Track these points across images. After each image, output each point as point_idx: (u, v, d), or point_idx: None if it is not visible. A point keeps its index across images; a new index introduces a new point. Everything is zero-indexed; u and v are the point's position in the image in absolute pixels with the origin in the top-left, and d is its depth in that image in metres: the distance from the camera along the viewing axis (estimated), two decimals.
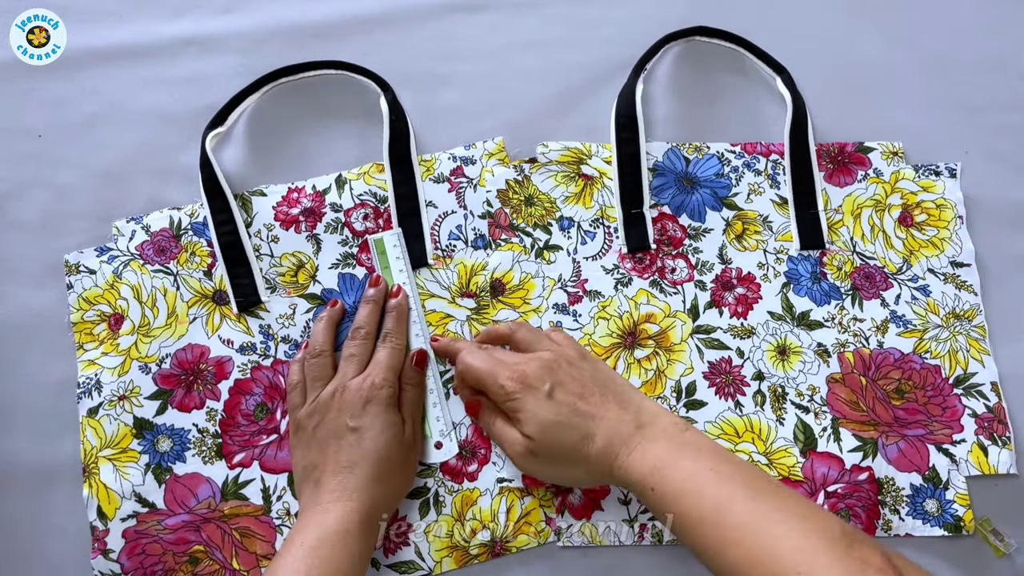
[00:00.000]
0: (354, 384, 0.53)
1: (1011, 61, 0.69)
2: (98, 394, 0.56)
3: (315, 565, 0.46)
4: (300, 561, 0.46)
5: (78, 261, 0.60)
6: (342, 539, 0.47)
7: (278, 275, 0.60)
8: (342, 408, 0.52)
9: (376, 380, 0.53)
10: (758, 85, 0.67)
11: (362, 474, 0.50)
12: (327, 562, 0.46)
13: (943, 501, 0.55)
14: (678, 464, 0.45)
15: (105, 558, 0.53)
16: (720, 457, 0.46)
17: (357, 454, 0.50)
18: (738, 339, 0.59)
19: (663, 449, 0.46)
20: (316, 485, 0.50)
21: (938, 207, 0.63)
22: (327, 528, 0.47)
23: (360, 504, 0.49)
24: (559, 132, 0.65)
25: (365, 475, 0.50)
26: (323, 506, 0.49)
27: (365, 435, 0.51)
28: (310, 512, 0.49)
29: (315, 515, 0.48)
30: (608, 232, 0.62)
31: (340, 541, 0.47)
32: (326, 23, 0.68)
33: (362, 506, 0.49)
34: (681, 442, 0.47)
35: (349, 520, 0.48)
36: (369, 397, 0.52)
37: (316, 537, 0.47)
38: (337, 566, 0.46)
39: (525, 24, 0.69)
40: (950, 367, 0.59)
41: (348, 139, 0.64)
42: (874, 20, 0.71)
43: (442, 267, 0.60)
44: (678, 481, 0.44)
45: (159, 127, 0.65)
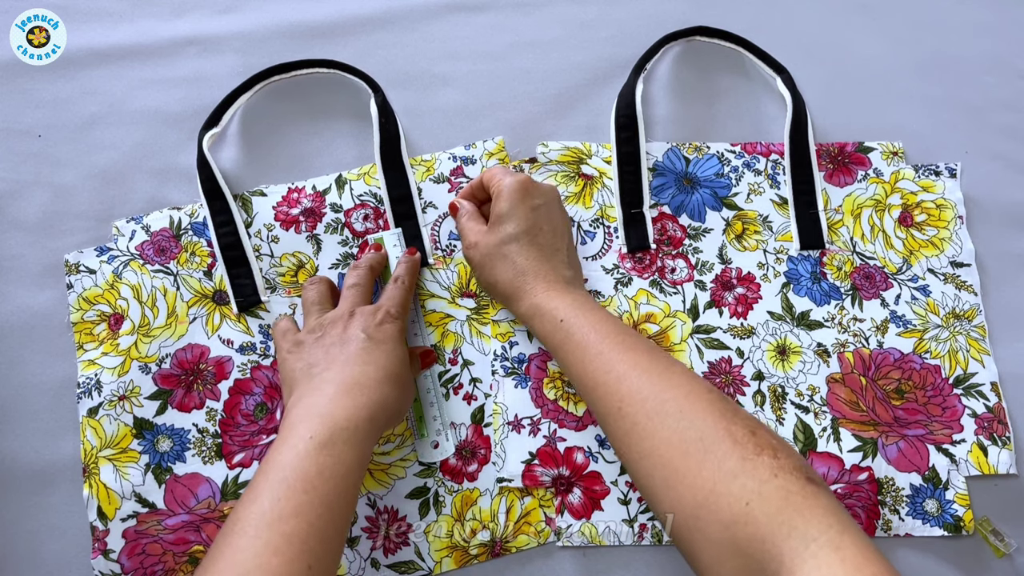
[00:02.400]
0: (367, 308, 0.52)
1: (1011, 61, 0.70)
2: (98, 394, 0.56)
3: (327, 465, 0.43)
4: (309, 458, 0.43)
5: (78, 261, 0.60)
6: (351, 436, 0.45)
7: (278, 275, 0.60)
8: (351, 325, 0.50)
9: (391, 310, 0.52)
10: (758, 85, 0.67)
11: (373, 374, 0.48)
12: (338, 462, 0.44)
13: (943, 501, 0.55)
14: (595, 311, 0.52)
15: (105, 558, 0.53)
16: (624, 325, 0.52)
17: (368, 356, 0.48)
18: (738, 339, 0.59)
19: (584, 299, 0.53)
20: (318, 377, 0.48)
21: (938, 207, 0.63)
22: (336, 423, 0.45)
23: (369, 401, 0.46)
24: (559, 132, 0.65)
25: (374, 377, 0.48)
26: (327, 394, 0.46)
27: (378, 346, 0.49)
28: (312, 398, 0.47)
29: (318, 401, 0.46)
30: (608, 232, 0.62)
31: (350, 439, 0.45)
32: (326, 23, 0.68)
33: (370, 402, 0.46)
34: (596, 305, 0.53)
35: (358, 416, 0.46)
36: (383, 320, 0.51)
37: (325, 432, 0.44)
38: (346, 467, 0.44)
39: (525, 24, 0.69)
40: (950, 367, 0.59)
41: (348, 139, 0.64)
42: (874, 20, 0.71)
43: (442, 267, 0.60)
44: (590, 321, 0.50)
45: (159, 127, 0.65)
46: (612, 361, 0.48)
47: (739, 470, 0.41)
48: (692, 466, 0.43)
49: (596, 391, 0.49)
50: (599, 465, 0.56)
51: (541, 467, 0.55)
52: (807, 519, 0.39)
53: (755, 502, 0.40)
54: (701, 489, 0.42)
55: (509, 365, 0.58)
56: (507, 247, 0.54)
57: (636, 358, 0.48)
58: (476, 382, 0.58)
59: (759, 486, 0.40)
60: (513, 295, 0.54)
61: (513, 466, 0.55)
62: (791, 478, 0.41)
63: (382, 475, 0.56)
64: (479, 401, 0.57)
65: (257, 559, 0.40)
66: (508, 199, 0.54)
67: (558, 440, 0.56)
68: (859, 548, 0.37)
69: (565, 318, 0.51)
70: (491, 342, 0.59)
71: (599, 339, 0.49)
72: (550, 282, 0.53)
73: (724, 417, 0.44)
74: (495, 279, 0.54)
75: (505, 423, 0.56)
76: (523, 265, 0.53)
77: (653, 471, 0.45)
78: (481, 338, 0.59)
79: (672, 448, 0.44)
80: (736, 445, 0.42)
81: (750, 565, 0.39)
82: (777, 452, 0.42)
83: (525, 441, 0.56)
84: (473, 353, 0.58)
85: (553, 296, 0.52)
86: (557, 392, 0.57)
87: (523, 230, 0.54)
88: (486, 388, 0.58)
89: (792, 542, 0.38)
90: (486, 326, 0.59)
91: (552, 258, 0.54)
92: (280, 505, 0.41)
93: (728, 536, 0.40)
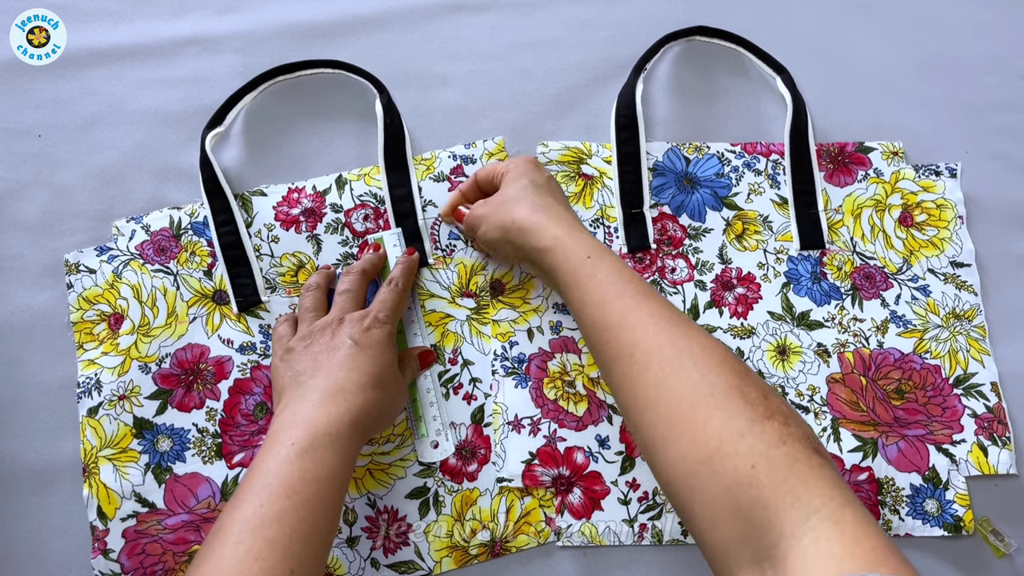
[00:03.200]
0: (356, 315, 0.52)
1: (1011, 61, 0.70)
2: (98, 394, 0.56)
3: (309, 470, 0.43)
4: (291, 464, 0.43)
5: (78, 261, 0.60)
6: (334, 442, 0.45)
7: (278, 275, 0.60)
8: (339, 332, 0.51)
9: (380, 316, 0.52)
10: (758, 85, 0.67)
11: (357, 379, 0.48)
12: (319, 467, 0.44)
13: (943, 501, 0.55)
14: (618, 258, 0.51)
15: (105, 558, 0.53)
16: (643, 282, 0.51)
17: (353, 363, 0.49)
18: (738, 339, 0.59)
19: (603, 246, 0.52)
20: (304, 385, 0.48)
21: (938, 207, 0.63)
22: (318, 429, 0.45)
23: (351, 406, 0.47)
24: (559, 132, 0.65)
25: (359, 382, 0.48)
26: (312, 401, 0.46)
27: (364, 351, 0.49)
28: (297, 405, 0.47)
29: (302, 408, 0.46)
30: (608, 232, 0.62)
31: (332, 444, 0.45)
32: (326, 23, 0.68)
33: (353, 407, 0.47)
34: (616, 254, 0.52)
35: (341, 422, 0.46)
36: (371, 326, 0.51)
37: (307, 439, 0.44)
38: (329, 471, 0.44)
39: (525, 24, 0.69)
40: (950, 367, 0.59)
41: (348, 139, 0.64)
42: (874, 20, 0.71)
43: (442, 267, 0.60)
44: (615, 264, 0.50)
45: (159, 127, 0.65)
46: (632, 306, 0.47)
47: (747, 430, 0.40)
48: (699, 419, 0.42)
49: (610, 331, 0.47)
50: (599, 465, 0.56)
51: (541, 467, 0.55)
52: (811, 489, 0.38)
53: (761, 465, 0.39)
54: (706, 445, 0.41)
55: (509, 365, 0.58)
56: (523, 192, 0.55)
57: (657, 308, 0.47)
58: (476, 382, 0.58)
59: (767, 449, 0.39)
60: (533, 228, 0.52)
61: (513, 466, 0.55)
62: (799, 447, 0.39)
63: (382, 475, 0.56)
64: (479, 401, 0.57)
65: (240, 565, 0.40)
66: (519, 167, 0.56)
67: (558, 440, 0.56)
68: (859, 522, 0.36)
69: (593, 255, 0.50)
70: (491, 342, 0.59)
71: (623, 283, 0.49)
72: (572, 224, 0.53)
73: (737, 375, 0.43)
74: (510, 217, 0.53)
75: (505, 423, 0.56)
76: (542, 204, 0.54)
77: (657, 421, 0.43)
78: (481, 338, 0.59)
79: (681, 399, 0.43)
80: (747, 405, 0.41)
81: (747, 530, 0.38)
82: (788, 419, 0.41)
83: (525, 441, 0.56)
84: (473, 353, 0.58)
85: (576, 234, 0.52)
86: (557, 392, 0.57)
87: (539, 184, 0.55)
88: (486, 388, 0.58)
89: (794, 512, 0.37)
90: (486, 326, 0.59)
91: (570, 209, 0.55)
92: (263, 511, 0.42)
93: (730, 496, 0.39)
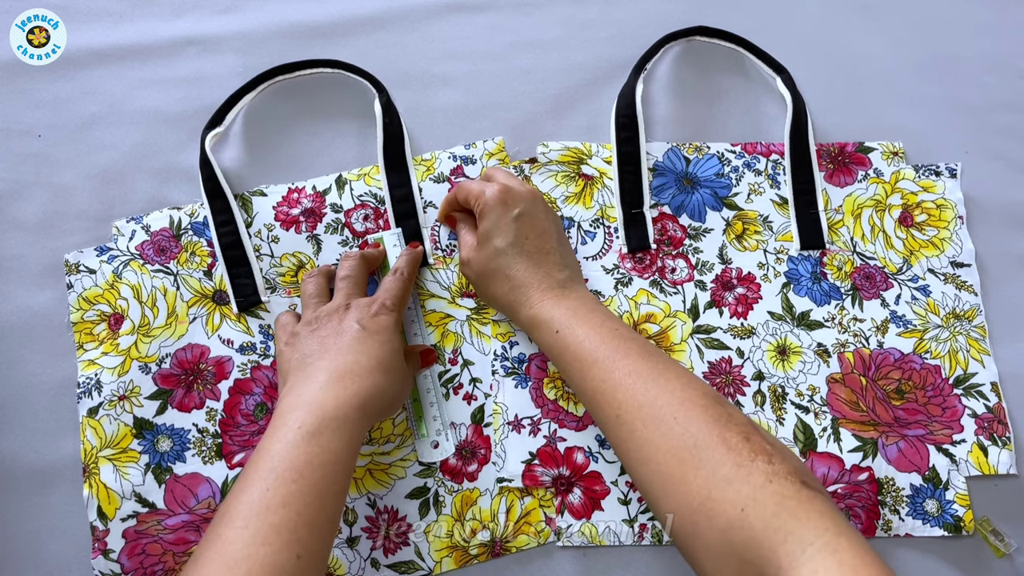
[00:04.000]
0: (362, 301, 0.52)
1: (1011, 61, 0.70)
2: (98, 394, 0.56)
3: (316, 454, 0.43)
4: (297, 448, 0.43)
5: (78, 261, 0.60)
6: (341, 426, 0.45)
7: (278, 275, 0.60)
8: (346, 317, 0.51)
9: (387, 303, 0.52)
10: (758, 85, 0.67)
11: (365, 363, 0.48)
12: (326, 451, 0.43)
13: (943, 501, 0.55)
14: (590, 316, 0.51)
15: (105, 558, 0.53)
16: (622, 326, 0.52)
17: (360, 346, 0.48)
18: (738, 339, 0.59)
19: (580, 304, 0.53)
20: (311, 366, 0.48)
21: (938, 207, 0.63)
22: (325, 412, 0.45)
23: (359, 389, 0.46)
24: (559, 132, 0.65)
25: (366, 365, 0.48)
26: (318, 382, 0.46)
27: (371, 336, 0.49)
28: (303, 386, 0.47)
29: (308, 389, 0.46)
30: (608, 232, 0.62)
31: (340, 428, 0.44)
32: (326, 23, 0.68)
33: (361, 391, 0.46)
34: (594, 306, 0.53)
35: (348, 405, 0.45)
36: (378, 312, 0.51)
37: (314, 422, 0.44)
38: (335, 456, 0.44)
39: (525, 24, 0.69)
40: (950, 367, 0.59)
41: (348, 139, 0.64)
42: (874, 20, 0.71)
43: (442, 267, 0.60)
44: (585, 328, 0.50)
45: (159, 127, 0.65)
46: (608, 369, 0.49)
47: (733, 476, 0.42)
48: (688, 473, 0.43)
49: (595, 399, 0.49)
50: (599, 465, 0.56)
51: (541, 467, 0.55)
52: (803, 523, 0.39)
53: (750, 508, 0.40)
54: (696, 496, 0.42)
55: (509, 365, 0.58)
56: (497, 262, 0.54)
57: (632, 364, 0.48)
58: (476, 382, 0.58)
59: (754, 491, 0.41)
60: (510, 308, 0.54)
61: (513, 466, 0.55)
62: (786, 483, 0.41)
63: (382, 475, 0.56)
64: (479, 401, 0.57)
65: (246, 549, 0.40)
66: (488, 215, 0.54)
67: (558, 440, 0.56)
68: (856, 551, 0.37)
69: (561, 328, 0.51)
70: (491, 342, 0.59)
71: (595, 347, 0.50)
72: (543, 290, 0.53)
73: (718, 423, 0.44)
74: (492, 294, 0.55)
75: (505, 423, 0.56)
76: (516, 277, 0.54)
77: (651, 477, 0.45)
78: (481, 338, 0.59)
79: (668, 455, 0.44)
80: (730, 451, 0.43)
81: (747, 570, 0.39)
82: (772, 457, 0.42)
83: (525, 441, 0.56)
84: (473, 353, 0.58)
85: (548, 306, 0.52)
86: (557, 392, 0.57)
87: (509, 243, 0.54)
88: (486, 388, 0.58)
89: (788, 546, 0.38)
90: (486, 326, 0.59)
91: (543, 263, 0.54)
92: (269, 495, 0.41)
93: (725, 541, 0.40)
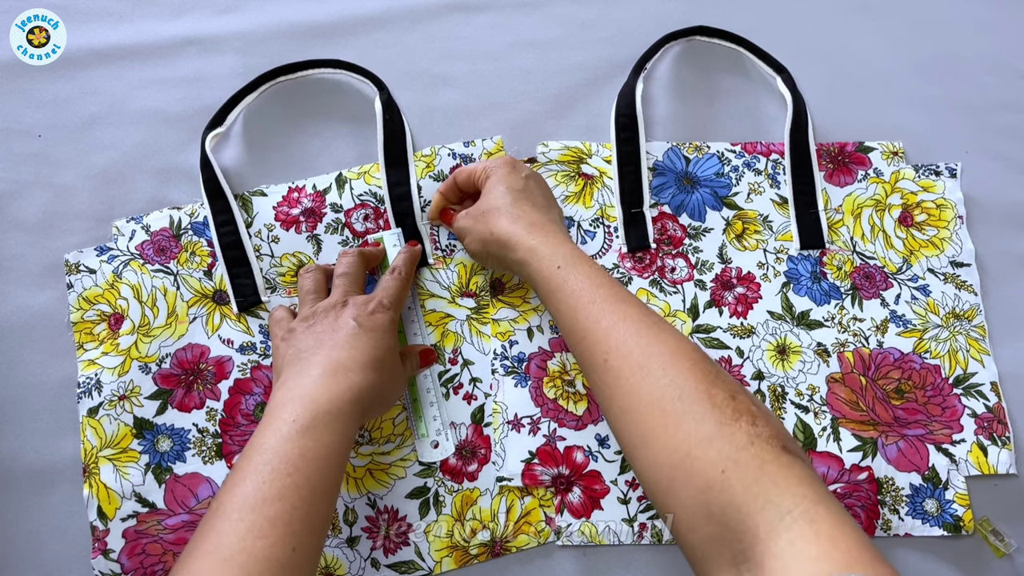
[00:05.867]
0: (360, 299, 0.52)
1: (1011, 61, 0.70)
2: (98, 394, 0.56)
3: (310, 448, 0.43)
4: (292, 442, 0.43)
5: (78, 261, 0.60)
6: (334, 419, 0.45)
7: (278, 275, 0.60)
8: (342, 314, 0.51)
9: (384, 301, 0.52)
10: (758, 85, 0.67)
11: (359, 358, 0.48)
12: (320, 444, 0.43)
13: (943, 501, 0.55)
14: (591, 263, 0.52)
15: (105, 558, 0.53)
16: (621, 284, 0.52)
17: (355, 343, 0.48)
18: (738, 339, 0.59)
19: (579, 251, 0.53)
20: (305, 360, 0.48)
21: (938, 207, 0.63)
22: (318, 406, 0.45)
23: (352, 384, 0.46)
24: (559, 132, 0.65)
25: (360, 361, 0.48)
26: (312, 376, 0.46)
27: (367, 333, 0.49)
28: (297, 380, 0.47)
29: (302, 383, 0.46)
30: (608, 231, 0.62)
31: (333, 422, 0.45)
32: (326, 23, 0.68)
33: (354, 385, 0.46)
34: (594, 261, 0.53)
35: (341, 399, 0.45)
36: (375, 310, 0.51)
37: (308, 416, 0.44)
38: (329, 450, 0.44)
39: (525, 24, 0.69)
40: (950, 367, 0.59)
41: (348, 139, 0.64)
42: (874, 20, 0.71)
43: (442, 267, 0.60)
44: (586, 271, 0.50)
45: (159, 127, 0.65)
46: (603, 312, 0.48)
47: (715, 434, 0.41)
48: (669, 426, 0.42)
49: (585, 340, 0.48)
50: (599, 464, 0.56)
51: (541, 466, 0.55)
52: (782, 490, 0.38)
53: (731, 469, 0.39)
54: (676, 451, 0.42)
55: (509, 364, 0.58)
56: (502, 200, 0.55)
57: (627, 311, 0.48)
58: (476, 382, 0.58)
59: (735, 452, 0.40)
60: (508, 241, 0.53)
61: (513, 465, 0.55)
62: (767, 446, 0.40)
63: (382, 475, 0.56)
64: (479, 401, 0.57)
65: (241, 543, 0.40)
66: (497, 171, 0.56)
67: (558, 439, 0.56)
68: (834, 520, 0.37)
69: (563, 264, 0.51)
70: (491, 341, 0.59)
71: (593, 289, 0.49)
72: (548, 231, 0.53)
73: (706, 379, 0.44)
74: (490, 229, 0.54)
75: (505, 422, 0.56)
76: (518, 214, 0.54)
77: (632, 428, 0.45)
78: (481, 338, 0.59)
79: (651, 406, 0.44)
80: (715, 408, 0.42)
81: (723, 533, 0.39)
82: (756, 419, 0.41)
83: (525, 440, 0.56)
84: (473, 353, 0.58)
85: (551, 243, 0.52)
86: (557, 391, 0.57)
87: (517, 189, 0.55)
88: (486, 388, 0.58)
89: (767, 514, 0.37)
90: (486, 326, 0.59)
91: (548, 212, 0.55)
92: (264, 488, 0.42)
93: (703, 500, 0.40)
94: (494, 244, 0.54)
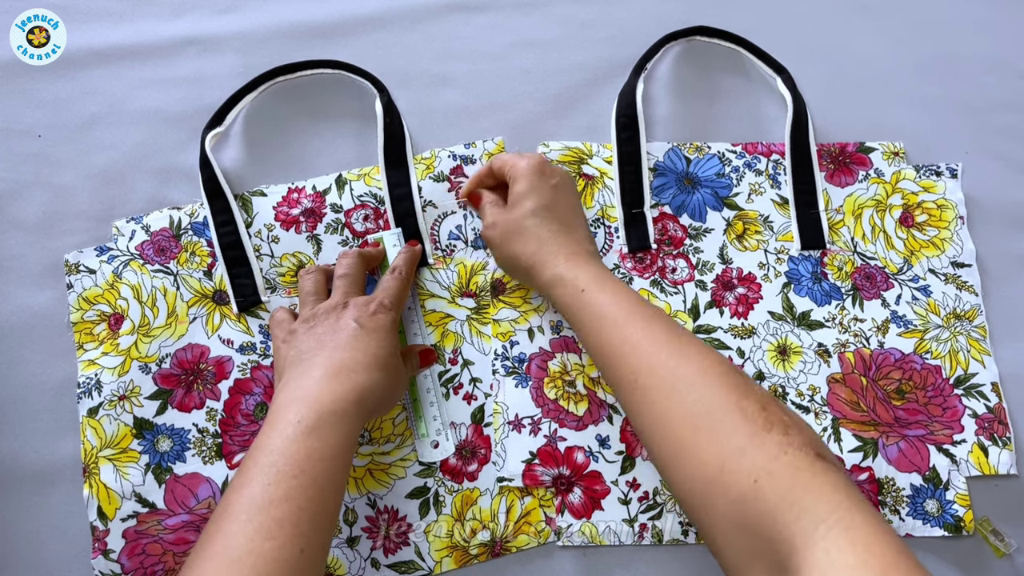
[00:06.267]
0: (360, 300, 0.52)
1: (1011, 61, 0.70)
2: (98, 394, 0.56)
3: (316, 448, 0.43)
4: (297, 443, 0.43)
5: (78, 261, 0.60)
6: (339, 420, 0.45)
7: (278, 275, 0.60)
8: (343, 315, 0.51)
9: (385, 302, 0.52)
10: (758, 85, 0.67)
11: (361, 359, 0.48)
12: (325, 445, 0.44)
13: (943, 501, 0.55)
14: (615, 283, 0.52)
15: (105, 558, 0.53)
16: (645, 300, 0.52)
17: (357, 343, 0.49)
18: (739, 339, 0.59)
19: (605, 271, 0.53)
20: (307, 362, 0.48)
21: (939, 207, 0.63)
22: (323, 407, 0.45)
23: (355, 385, 0.47)
24: (559, 132, 0.65)
25: (362, 362, 0.48)
26: (314, 378, 0.46)
27: (368, 334, 0.49)
28: (299, 381, 0.47)
29: (305, 384, 0.46)
30: (609, 232, 0.62)
31: (337, 422, 0.45)
32: (326, 23, 0.68)
33: (357, 386, 0.47)
34: (617, 278, 0.53)
35: (345, 400, 0.46)
36: (376, 311, 0.51)
37: (312, 417, 0.44)
38: (334, 450, 0.44)
39: (525, 24, 0.69)
40: (951, 367, 0.59)
41: (348, 139, 0.64)
42: (874, 20, 0.71)
43: (442, 267, 0.60)
44: (610, 292, 0.51)
45: (159, 127, 0.65)
46: (629, 332, 0.48)
47: (748, 446, 0.41)
48: (701, 441, 0.42)
49: (612, 362, 0.49)
50: (599, 465, 0.56)
51: (541, 467, 0.55)
52: (816, 497, 0.38)
53: (764, 479, 0.39)
54: (710, 465, 0.42)
55: (509, 364, 0.58)
56: (528, 221, 0.55)
57: (653, 330, 0.48)
58: (476, 382, 0.58)
59: (768, 463, 0.40)
60: (535, 266, 0.54)
61: (513, 465, 0.55)
62: (800, 455, 0.40)
63: (382, 475, 0.55)
64: (479, 401, 0.57)
65: (249, 544, 0.40)
66: (526, 178, 0.56)
67: (558, 439, 0.56)
68: (871, 527, 0.36)
69: (587, 288, 0.51)
70: (491, 342, 0.59)
71: (618, 310, 0.50)
72: (571, 253, 0.54)
73: (736, 391, 0.44)
74: (516, 252, 0.55)
75: (505, 422, 0.56)
76: (544, 236, 0.54)
77: (664, 444, 0.45)
78: (481, 338, 0.59)
79: (683, 423, 0.44)
80: (746, 420, 0.42)
81: (760, 544, 0.38)
82: (788, 428, 0.41)
83: (525, 440, 0.56)
84: (473, 353, 0.58)
85: (574, 266, 0.53)
86: (557, 392, 0.57)
87: (543, 204, 0.55)
88: (486, 388, 0.58)
89: (802, 523, 0.37)
90: (486, 326, 0.59)
91: (574, 231, 0.56)
92: (271, 490, 0.42)
93: (738, 512, 0.40)
94: (520, 268, 0.55)
